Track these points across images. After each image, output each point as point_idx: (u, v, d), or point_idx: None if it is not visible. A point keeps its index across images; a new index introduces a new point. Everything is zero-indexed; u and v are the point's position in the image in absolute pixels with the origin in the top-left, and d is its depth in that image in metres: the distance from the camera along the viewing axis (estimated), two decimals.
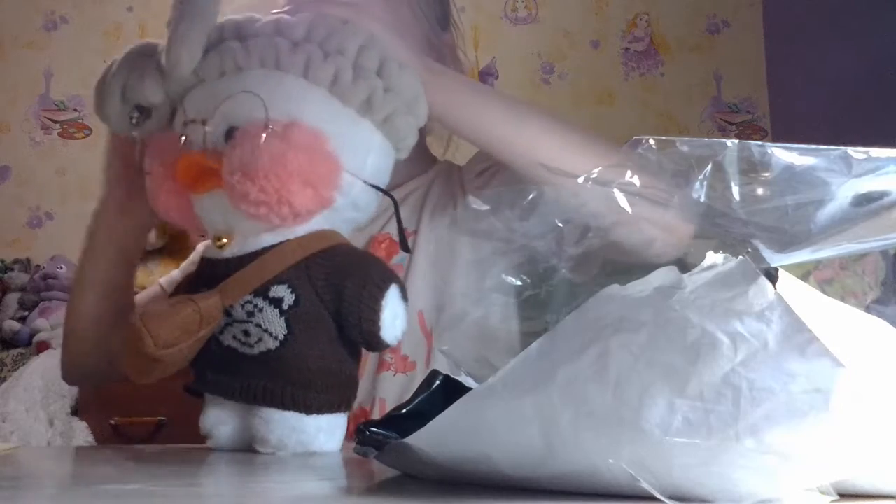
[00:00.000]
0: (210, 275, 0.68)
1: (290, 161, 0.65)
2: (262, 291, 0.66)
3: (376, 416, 0.90)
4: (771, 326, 0.34)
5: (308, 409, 0.66)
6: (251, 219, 0.67)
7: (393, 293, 0.67)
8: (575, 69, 3.16)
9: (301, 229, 0.68)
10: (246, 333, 0.66)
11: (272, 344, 0.66)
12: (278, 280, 0.66)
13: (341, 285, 0.67)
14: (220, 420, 0.70)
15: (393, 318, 0.67)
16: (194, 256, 1.00)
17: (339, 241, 0.70)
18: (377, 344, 0.68)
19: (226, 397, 0.69)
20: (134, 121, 0.73)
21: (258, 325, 0.66)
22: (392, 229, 0.99)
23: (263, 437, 0.67)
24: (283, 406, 0.66)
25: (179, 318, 0.63)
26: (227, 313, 0.66)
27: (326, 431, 0.68)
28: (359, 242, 0.99)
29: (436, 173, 1.04)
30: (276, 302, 0.65)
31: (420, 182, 1.03)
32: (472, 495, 0.39)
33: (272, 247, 0.67)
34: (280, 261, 0.66)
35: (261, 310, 0.65)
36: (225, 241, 0.67)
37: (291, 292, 0.66)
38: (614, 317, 0.37)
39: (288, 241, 0.67)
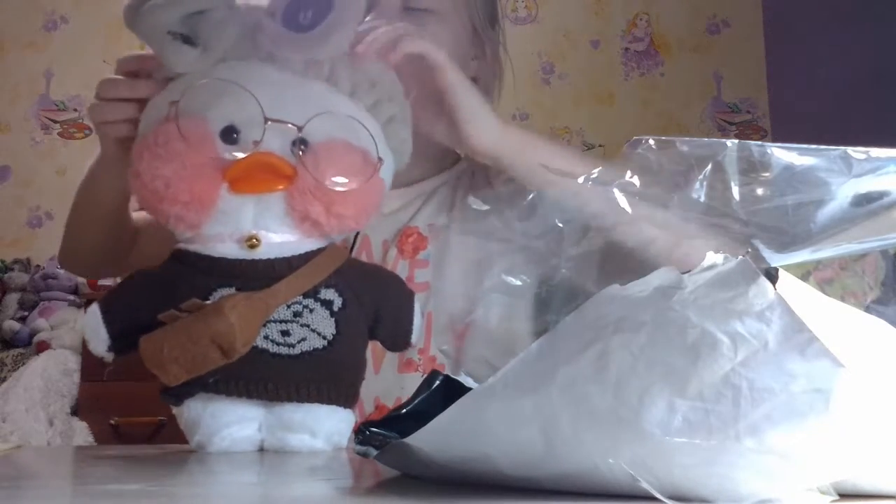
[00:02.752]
0: (227, 272, 0.67)
1: (378, 194, 0.72)
2: (311, 293, 0.68)
3: None
4: (771, 326, 0.34)
5: (349, 404, 0.70)
6: (309, 228, 0.68)
7: (417, 303, 0.74)
8: (575, 69, 3.16)
9: (324, 240, 0.71)
10: (285, 333, 0.67)
11: (319, 343, 0.68)
12: (325, 284, 0.69)
13: (380, 292, 0.72)
14: (233, 420, 0.67)
15: (419, 324, 0.74)
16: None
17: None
18: (405, 346, 0.75)
19: (259, 397, 0.67)
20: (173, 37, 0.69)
21: (305, 325, 0.67)
22: (420, 222, 0.99)
23: (311, 432, 0.68)
24: (331, 402, 0.68)
25: (259, 317, 0.65)
26: None
27: (350, 426, 0.71)
28: (387, 233, 0.98)
29: (462, 169, 1.04)
30: (327, 304, 0.68)
31: (448, 177, 1.03)
32: (472, 495, 0.39)
33: (313, 252, 0.69)
34: (327, 266, 0.70)
35: (311, 310, 0.68)
36: (256, 242, 0.67)
37: (339, 295, 0.69)
38: (614, 317, 0.37)
39: (328, 248, 0.71)
